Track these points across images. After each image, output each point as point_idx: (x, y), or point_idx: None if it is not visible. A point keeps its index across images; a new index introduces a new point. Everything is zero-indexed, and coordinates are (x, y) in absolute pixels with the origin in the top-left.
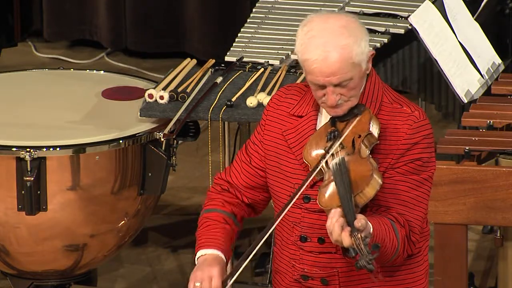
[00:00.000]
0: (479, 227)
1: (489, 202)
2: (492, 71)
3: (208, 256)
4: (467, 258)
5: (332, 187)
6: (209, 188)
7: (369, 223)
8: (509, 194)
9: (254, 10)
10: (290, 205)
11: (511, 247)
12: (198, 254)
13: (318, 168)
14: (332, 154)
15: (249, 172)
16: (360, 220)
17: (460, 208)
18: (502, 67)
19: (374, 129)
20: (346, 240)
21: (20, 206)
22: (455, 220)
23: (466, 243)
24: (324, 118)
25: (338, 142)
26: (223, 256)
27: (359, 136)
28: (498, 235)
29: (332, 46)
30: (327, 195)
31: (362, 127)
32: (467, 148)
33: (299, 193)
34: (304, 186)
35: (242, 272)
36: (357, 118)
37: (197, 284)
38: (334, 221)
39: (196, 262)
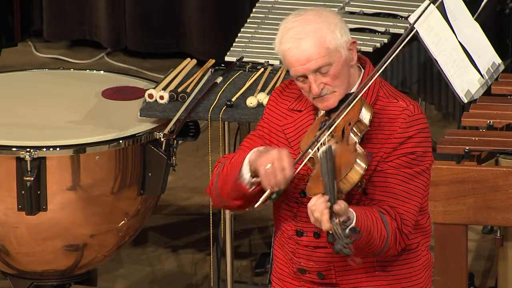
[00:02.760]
0: (479, 227)
1: (489, 202)
2: (492, 71)
3: (265, 146)
4: (467, 258)
5: (318, 175)
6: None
7: (351, 209)
8: (509, 194)
9: (254, 10)
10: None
11: (511, 247)
12: (249, 154)
13: (309, 156)
14: (322, 143)
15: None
16: (340, 205)
17: (460, 208)
18: (502, 67)
19: (365, 116)
20: (324, 222)
21: (20, 206)
22: (455, 220)
23: (466, 243)
24: (322, 113)
25: (328, 132)
26: None
27: (349, 124)
28: (498, 235)
29: (303, 33)
30: (312, 181)
31: (352, 115)
32: (467, 148)
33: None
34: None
35: (242, 272)
36: (349, 107)
37: (268, 165)
38: (320, 202)
39: (247, 163)
